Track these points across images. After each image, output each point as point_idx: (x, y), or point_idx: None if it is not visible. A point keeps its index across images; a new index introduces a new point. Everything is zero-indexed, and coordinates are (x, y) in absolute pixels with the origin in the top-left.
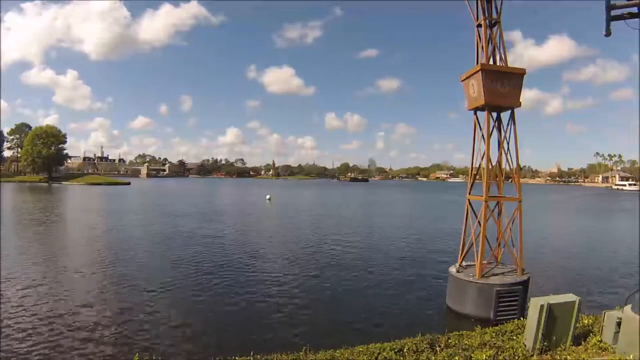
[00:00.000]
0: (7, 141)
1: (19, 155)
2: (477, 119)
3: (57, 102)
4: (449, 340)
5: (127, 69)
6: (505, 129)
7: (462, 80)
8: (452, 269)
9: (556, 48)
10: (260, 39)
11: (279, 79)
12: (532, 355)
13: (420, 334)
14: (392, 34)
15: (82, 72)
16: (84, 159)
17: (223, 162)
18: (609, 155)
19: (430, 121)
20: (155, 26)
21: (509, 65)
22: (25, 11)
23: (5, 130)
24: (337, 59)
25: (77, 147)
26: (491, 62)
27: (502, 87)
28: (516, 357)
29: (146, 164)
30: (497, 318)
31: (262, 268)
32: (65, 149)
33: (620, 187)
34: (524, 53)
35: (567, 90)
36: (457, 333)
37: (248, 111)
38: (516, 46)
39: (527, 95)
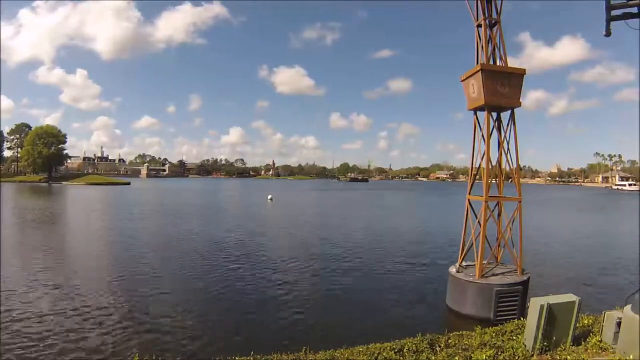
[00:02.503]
0: (7, 141)
1: (19, 155)
2: (477, 119)
3: (64, 102)
4: (449, 340)
5: (139, 68)
6: (505, 129)
7: (462, 81)
8: (452, 269)
9: (568, 49)
10: (278, 40)
11: (290, 79)
12: (532, 355)
13: (420, 334)
14: (409, 35)
15: (94, 71)
16: (84, 159)
17: (223, 162)
18: (609, 155)
19: (438, 122)
20: (171, 25)
21: (510, 65)
22: (37, 9)
23: (6, 130)
24: (352, 59)
25: (80, 147)
26: (491, 62)
27: (502, 87)
28: (516, 357)
29: (146, 164)
30: (497, 318)
31: (262, 268)
32: (65, 149)
33: (620, 187)
34: (534, 53)
35: (573, 91)
36: (457, 333)
37: (257, 111)
38: (528, 46)
39: (533, 95)
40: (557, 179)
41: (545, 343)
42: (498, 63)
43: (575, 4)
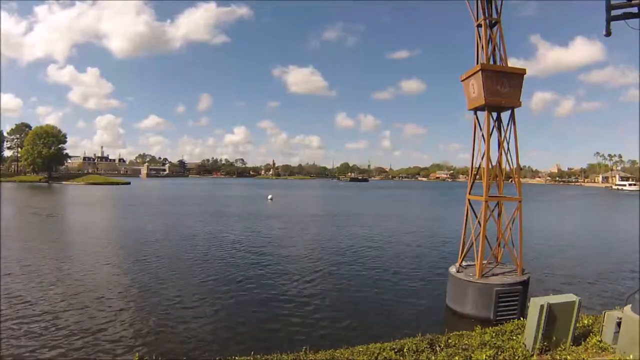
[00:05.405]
0: (7, 141)
1: (19, 155)
2: (477, 119)
3: (73, 100)
4: (449, 340)
5: (154, 67)
6: (505, 128)
7: (462, 80)
8: (452, 269)
9: (583, 51)
10: (297, 41)
11: (304, 79)
12: (532, 355)
13: (420, 334)
14: (427, 35)
15: (109, 70)
16: (84, 158)
17: (223, 162)
18: (609, 155)
19: (445, 122)
20: (191, 24)
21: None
22: (52, 6)
23: (6, 130)
24: (367, 61)
25: (84, 146)
26: (491, 62)
27: (502, 87)
28: (516, 357)
29: (146, 163)
30: (497, 318)
31: (262, 268)
32: (65, 149)
33: (620, 187)
34: (549, 55)
35: (582, 93)
36: (457, 333)
37: (267, 111)
38: (540, 48)
39: (542, 97)
40: (557, 178)
41: (545, 343)
42: (498, 63)
43: (589, 4)
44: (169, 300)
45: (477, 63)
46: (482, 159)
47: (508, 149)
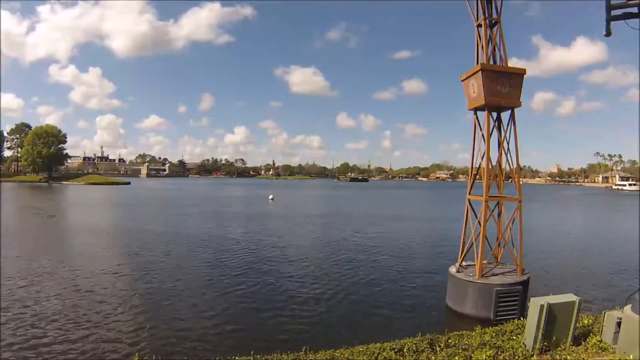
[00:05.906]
0: (7, 141)
1: (19, 155)
2: (477, 119)
3: (74, 100)
4: (449, 340)
5: (156, 67)
6: (505, 128)
7: (462, 80)
8: (452, 269)
9: (585, 51)
10: (300, 41)
11: (306, 79)
12: (532, 355)
13: (420, 334)
14: (429, 35)
15: (111, 70)
16: (84, 158)
17: (223, 162)
18: (609, 155)
19: (446, 122)
20: (194, 24)
21: (509, 65)
22: (55, 6)
23: (6, 130)
24: (370, 61)
25: (85, 146)
26: (491, 62)
27: (502, 87)
28: (516, 357)
29: (146, 163)
30: (497, 318)
31: (262, 268)
32: (65, 149)
33: (620, 187)
34: (551, 55)
35: (583, 93)
36: (457, 333)
37: (268, 111)
38: (542, 48)
39: (543, 97)
40: (557, 178)
41: (545, 343)
42: (498, 63)
43: (591, 4)
44: (170, 300)
45: (477, 63)
46: (482, 159)
47: (508, 149)
